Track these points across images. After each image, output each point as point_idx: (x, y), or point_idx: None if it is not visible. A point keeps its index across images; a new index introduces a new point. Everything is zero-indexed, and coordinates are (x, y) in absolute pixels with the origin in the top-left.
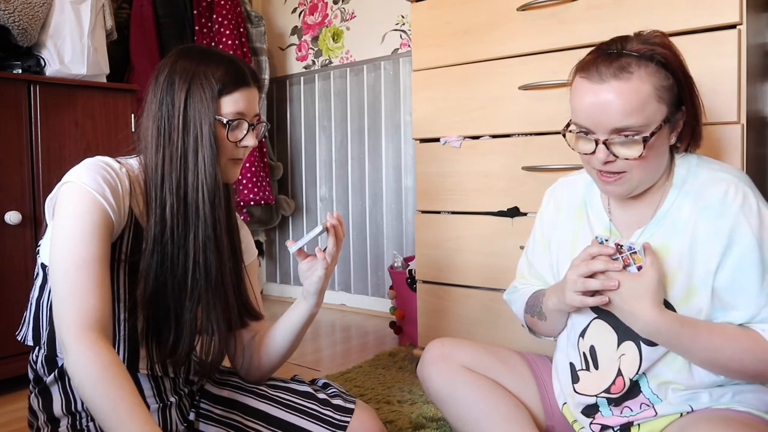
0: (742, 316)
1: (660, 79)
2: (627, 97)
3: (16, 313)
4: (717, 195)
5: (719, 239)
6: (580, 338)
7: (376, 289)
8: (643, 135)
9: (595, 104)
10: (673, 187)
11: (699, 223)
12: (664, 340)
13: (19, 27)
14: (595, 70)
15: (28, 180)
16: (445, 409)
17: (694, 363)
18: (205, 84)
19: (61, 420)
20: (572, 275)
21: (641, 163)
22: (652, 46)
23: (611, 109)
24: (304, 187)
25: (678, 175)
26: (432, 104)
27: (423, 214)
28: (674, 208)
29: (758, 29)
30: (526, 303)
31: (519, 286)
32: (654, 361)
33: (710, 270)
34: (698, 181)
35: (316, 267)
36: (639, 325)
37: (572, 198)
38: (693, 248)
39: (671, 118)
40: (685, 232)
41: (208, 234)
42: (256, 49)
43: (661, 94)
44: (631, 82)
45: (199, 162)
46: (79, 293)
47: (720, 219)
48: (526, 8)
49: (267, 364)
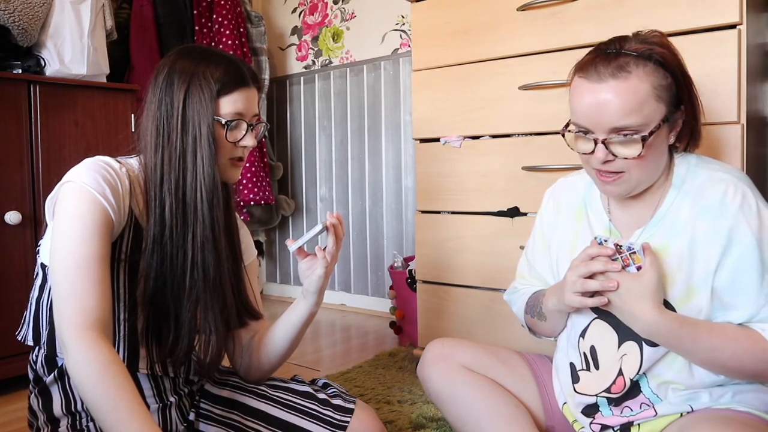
0: (742, 315)
1: (658, 78)
2: (625, 96)
3: (16, 313)
4: (716, 195)
5: (719, 239)
6: (580, 338)
7: (376, 289)
8: (641, 134)
9: (593, 104)
10: (672, 187)
11: (698, 223)
12: (664, 340)
13: (19, 27)
14: (594, 70)
15: (28, 180)
16: (445, 409)
17: (694, 363)
18: (203, 84)
19: (60, 420)
20: (571, 276)
21: (640, 163)
22: (651, 46)
23: (610, 109)
24: (304, 187)
25: (677, 175)
26: (432, 104)
27: (423, 214)
28: (673, 208)
29: (758, 29)
30: (526, 303)
31: (519, 286)
32: (655, 361)
33: (710, 270)
34: (697, 181)
35: (315, 266)
36: (639, 326)
37: (572, 198)
38: (692, 248)
39: (670, 117)
40: (684, 232)
41: (206, 234)
42: (256, 49)
43: (659, 93)
44: (629, 82)
45: (198, 162)
46: (80, 293)
47: (719, 219)
48: (526, 8)
49: (267, 363)
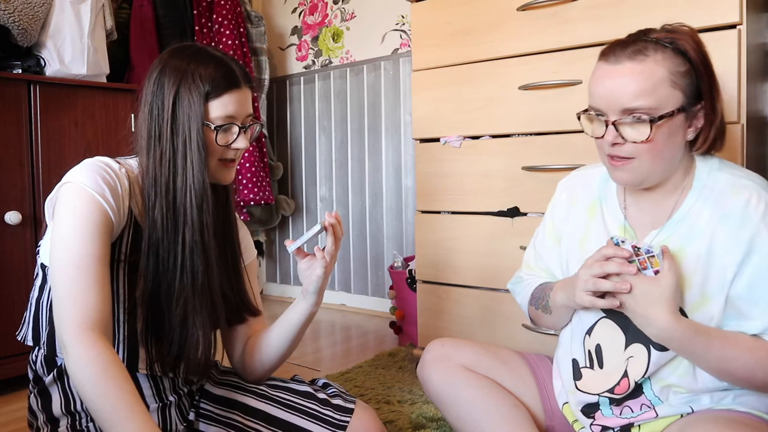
0: (757, 326)
1: (676, 64)
2: (639, 77)
3: (16, 313)
4: (739, 203)
5: (738, 248)
6: (586, 336)
7: (376, 289)
8: (651, 117)
9: (608, 85)
10: (692, 189)
11: (718, 229)
12: (677, 346)
13: (19, 27)
14: (613, 54)
15: (28, 180)
16: (445, 410)
17: (704, 370)
18: (192, 87)
19: (60, 420)
20: (584, 274)
21: (650, 150)
22: (674, 35)
23: (622, 90)
24: (304, 187)
25: (698, 178)
26: (432, 104)
27: (423, 214)
28: (693, 212)
29: (758, 29)
30: (531, 295)
31: (524, 276)
32: (661, 365)
33: (727, 278)
34: (719, 186)
35: (315, 266)
36: (652, 330)
37: (587, 192)
38: (710, 254)
39: (687, 108)
40: (702, 237)
41: (195, 239)
42: (256, 49)
43: (675, 79)
44: (645, 64)
45: (188, 166)
46: (80, 293)
47: (741, 227)
48: (526, 8)
49: (266, 362)
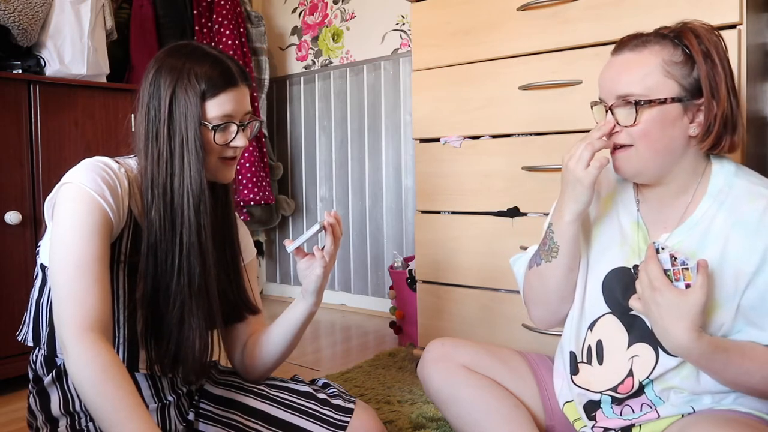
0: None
1: (671, 54)
2: (633, 65)
3: (16, 313)
4: (755, 211)
5: (752, 257)
6: (588, 330)
7: (376, 289)
8: (636, 100)
9: (606, 74)
10: (707, 195)
11: (732, 237)
12: (694, 361)
13: (19, 27)
14: (619, 47)
15: (28, 180)
16: (445, 409)
17: (720, 382)
18: (188, 87)
19: (59, 420)
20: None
21: (644, 137)
22: (681, 29)
23: (617, 77)
24: (304, 187)
25: (714, 184)
26: (432, 104)
27: (423, 214)
28: (706, 218)
29: (758, 29)
30: (533, 255)
31: (529, 251)
32: (668, 368)
33: (739, 287)
34: (735, 192)
35: (314, 266)
36: (670, 344)
37: (609, 180)
38: (722, 262)
39: (685, 100)
40: (716, 244)
41: (192, 240)
42: (256, 49)
43: (669, 68)
44: (641, 54)
45: (185, 167)
46: (79, 293)
47: (756, 236)
48: (526, 8)
49: (266, 362)
